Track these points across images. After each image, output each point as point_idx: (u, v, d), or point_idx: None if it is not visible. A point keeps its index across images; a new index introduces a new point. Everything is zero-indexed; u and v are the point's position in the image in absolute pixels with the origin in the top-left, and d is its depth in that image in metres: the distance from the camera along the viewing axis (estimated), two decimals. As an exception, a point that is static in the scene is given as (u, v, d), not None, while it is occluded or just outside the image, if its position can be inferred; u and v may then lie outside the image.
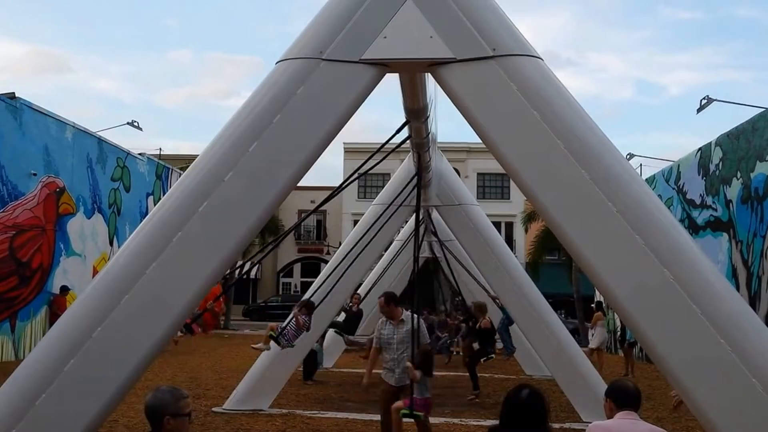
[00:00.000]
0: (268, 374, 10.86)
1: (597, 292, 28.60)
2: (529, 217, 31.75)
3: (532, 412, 3.98)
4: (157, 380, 12.41)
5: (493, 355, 13.99)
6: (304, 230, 48.02)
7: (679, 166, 20.52)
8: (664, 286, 4.63)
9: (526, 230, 34.70)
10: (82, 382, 4.66)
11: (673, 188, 20.64)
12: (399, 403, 7.80)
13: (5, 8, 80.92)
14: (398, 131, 8.00)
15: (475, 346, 13.73)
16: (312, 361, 13.93)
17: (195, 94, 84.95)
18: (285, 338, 9.36)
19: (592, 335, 18.74)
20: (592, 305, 29.13)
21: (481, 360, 13.38)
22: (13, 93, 16.70)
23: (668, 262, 4.66)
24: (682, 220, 19.29)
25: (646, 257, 4.68)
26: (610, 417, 4.56)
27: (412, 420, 7.54)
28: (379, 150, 8.14)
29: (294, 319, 9.29)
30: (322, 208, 46.63)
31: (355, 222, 16.25)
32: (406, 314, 8.11)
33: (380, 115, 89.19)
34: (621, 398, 4.56)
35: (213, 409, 10.55)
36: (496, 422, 4.14)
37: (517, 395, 4.03)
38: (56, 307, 17.16)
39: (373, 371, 8.41)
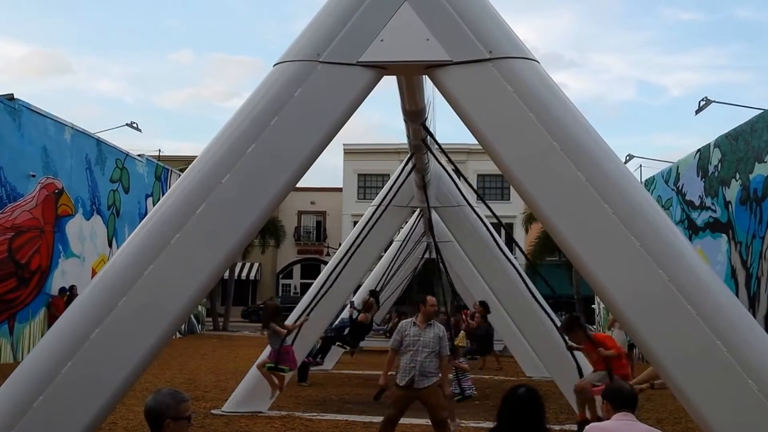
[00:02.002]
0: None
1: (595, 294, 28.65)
2: (530, 219, 31.78)
3: (529, 410, 4.01)
4: (156, 382, 12.41)
5: (477, 357, 14.25)
6: (304, 231, 48.05)
7: (678, 167, 20.54)
8: (660, 288, 4.64)
9: (527, 231, 34.73)
10: (81, 383, 4.65)
11: (673, 189, 20.66)
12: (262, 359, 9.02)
13: (7, 10, 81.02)
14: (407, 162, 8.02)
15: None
16: (304, 364, 13.89)
17: (196, 95, 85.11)
18: (467, 389, 9.79)
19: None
20: (593, 306, 29.17)
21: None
22: (12, 94, 16.70)
23: (664, 264, 4.67)
24: (681, 221, 19.30)
25: (642, 259, 4.69)
26: (607, 418, 4.58)
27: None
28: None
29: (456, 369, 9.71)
30: (322, 209, 46.91)
31: (355, 223, 16.24)
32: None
33: (382, 116, 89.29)
34: (617, 400, 4.59)
35: (212, 411, 10.55)
36: (494, 424, 4.16)
37: (514, 394, 4.07)
38: (55, 308, 17.16)
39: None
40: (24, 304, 16.83)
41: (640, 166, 31.20)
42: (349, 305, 15.74)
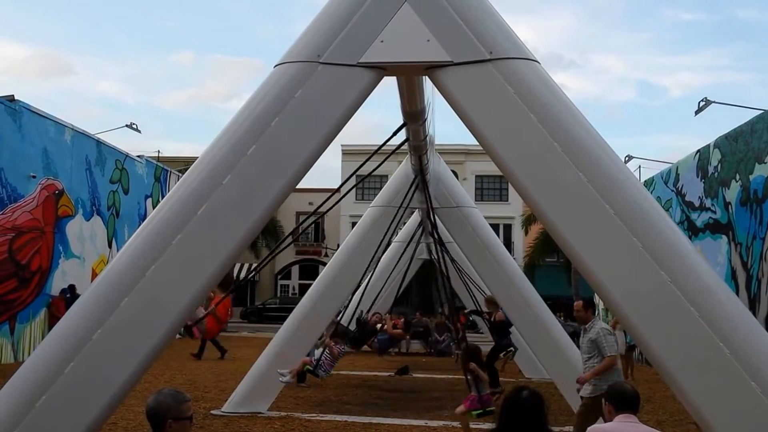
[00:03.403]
0: (267, 377, 10.87)
1: (596, 294, 28.65)
2: (529, 220, 31.80)
3: (532, 412, 3.99)
4: (156, 383, 12.41)
5: (512, 348, 13.97)
6: (302, 232, 48.02)
7: (677, 168, 20.54)
8: (662, 289, 4.64)
9: (526, 232, 34.74)
10: (82, 384, 4.66)
11: (672, 190, 20.66)
12: (462, 408, 8.19)
13: (9, 11, 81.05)
14: (395, 134, 8.02)
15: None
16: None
17: (196, 96, 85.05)
18: (322, 369, 9.59)
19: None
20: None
21: (500, 355, 13.38)
22: (12, 95, 16.70)
23: (666, 265, 4.68)
24: (681, 222, 19.29)
25: (643, 260, 4.69)
26: (609, 420, 4.58)
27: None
28: (375, 152, 8.13)
29: (328, 349, 9.47)
30: (320, 210, 46.90)
31: (353, 224, 16.23)
32: (592, 321, 7.85)
33: (381, 117, 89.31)
34: (619, 401, 4.59)
35: (212, 411, 10.54)
36: (495, 425, 4.15)
37: (517, 396, 4.03)
38: (55, 309, 17.15)
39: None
40: (24, 304, 16.82)
41: (640, 166, 31.27)
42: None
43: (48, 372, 4.67)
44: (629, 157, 28.14)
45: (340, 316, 14.18)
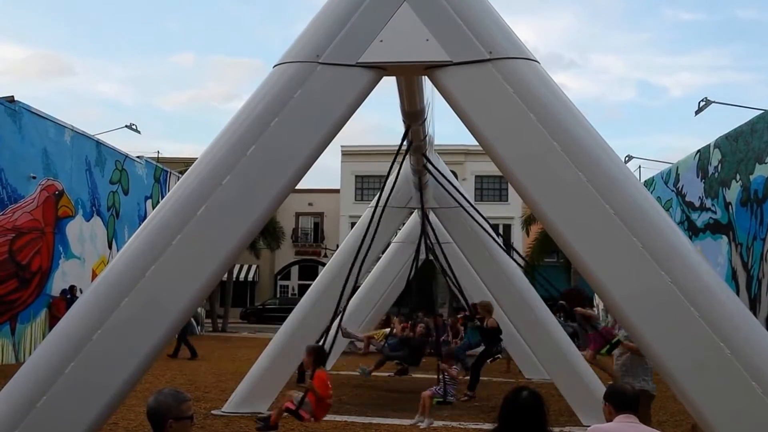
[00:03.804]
0: (267, 377, 10.86)
1: (596, 294, 28.63)
2: (529, 220, 31.79)
3: (531, 412, 3.99)
4: (157, 383, 12.40)
5: (499, 356, 14.04)
6: (302, 233, 48.02)
7: (677, 168, 20.54)
8: (662, 289, 4.64)
9: (527, 233, 34.72)
10: (83, 384, 4.67)
11: (672, 190, 20.66)
12: (428, 393, 8.93)
13: (9, 12, 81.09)
14: (404, 139, 8.01)
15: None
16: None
17: (197, 96, 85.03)
18: (450, 394, 9.81)
19: None
20: (592, 307, 29.19)
21: (488, 361, 13.40)
22: (12, 96, 16.71)
23: (666, 265, 4.67)
24: (681, 223, 19.29)
25: (643, 260, 4.69)
26: (609, 420, 4.57)
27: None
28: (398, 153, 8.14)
29: (447, 374, 9.82)
30: (320, 210, 46.97)
31: (352, 224, 16.22)
32: None
33: (381, 117, 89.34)
34: (619, 402, 4.57)
35: (212, 411, 10.54)
36: (494, 426, 4.15)
37: (517, 396, 4.04)
38: (56, 309, 17.15)
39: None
40: (25, 305, 16.83)
41: (640, 167, 31.24)
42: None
43: (48, 372, 4.68)
44: (629, 157, 28.16)
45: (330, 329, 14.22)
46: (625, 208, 4.85)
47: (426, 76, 6.08)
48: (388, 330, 15.70)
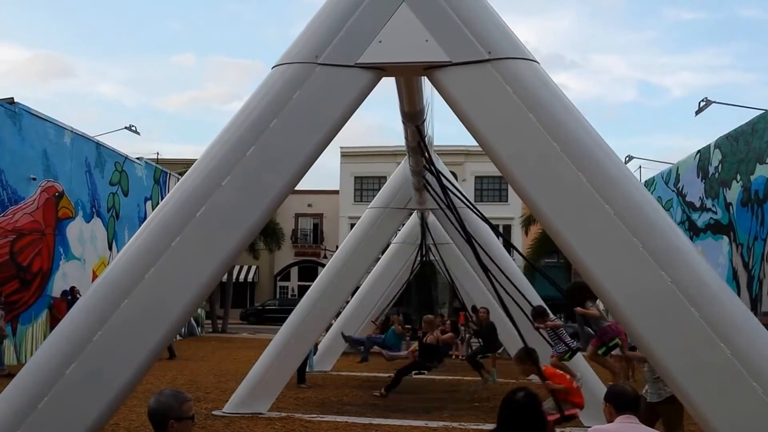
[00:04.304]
0: (267, 377, 10.86)
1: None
2: (529, 220, 31.77)
3: (528, 413, 4.05)
4: (158, 384, 12.40)
5: (489, 354, 14.36)
6: (301, 234, 48.04)
7: (678, 168, 20.54)
8: (663, 290, 4.63)
9: (526, 233, 34.70)
10: (84, 385, 4.68)
11: (673, 190, 20.66)
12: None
13: (10, 13, 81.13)
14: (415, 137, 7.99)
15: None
16: (302, 364, 13.90)
17: (197, 97, 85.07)
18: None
19: None
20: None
21: (489, 354, 14.21)
22: (12, 98, 16.70)
23: (666, 266, 4.66)
24: (681, 223, 19.28)
25: (644, 260, 4.68)
26: (610, 421, 4.57)
27: None
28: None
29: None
30: (319, 211, 47.00)
31: (352, 225, 16.20)
32: None
33: (381, 118, 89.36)
34: (620, 402, 4.57)
35: (213, 412, 10.54)
36: (494, 426, 4.17)
37: (513, 397, 4.10)
38: (56, 310, 17.15)
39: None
40: (26, 306, 16.83)
41: (640, 167, 31.19)
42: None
43: (50, 373, 4.69)
44: (630, 158, 28.13)
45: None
46: (626, 209, 4.83)
47: (425, 77, 6.07)
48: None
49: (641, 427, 4.51)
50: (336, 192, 45.93)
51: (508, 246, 11.75)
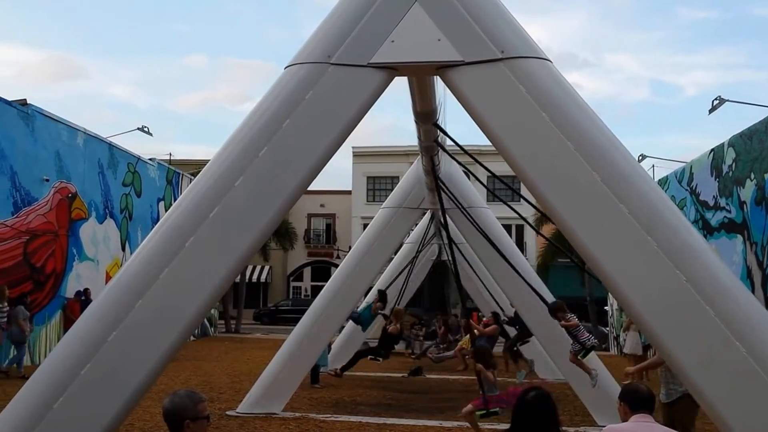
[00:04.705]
0: (281, 378, 10.88)
1: (609, 295, 28.46)
2: (542, 220, 31.63)
3: (540, 412, 4.06)
4: (172, 384, 12.45)
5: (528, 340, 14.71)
6: (314, 234, 48.10)
7: (691, 167, 20.39)
8: (678, 289, 4.60)
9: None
10: (99, 385, 4.70)
11: (686, 189, 20.52)
12: (470, 407, 8.38)
13: (22, 15, 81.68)
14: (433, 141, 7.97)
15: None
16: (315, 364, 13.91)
17: (209, 98, 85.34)
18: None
19: (624, 340, 18.40)
20: (605, 308, 29.02)
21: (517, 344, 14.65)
22: (25, 100, 16.80)
23: (681, 264, 4.64)
24: (695, 222, 19.15)
25: (658, 259, 4.65)
26: (624, 420, 4.54)
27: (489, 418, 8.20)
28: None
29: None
30: (332, 211, 47.04)
31: (365, 226, 16.18)
32: None
33: (394, 118, 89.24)
34: (634, 401, 4.54)
35: (227, 412, 10.57)
36: (508, 427, 4.17)
37: (524, 397, 4.11)
38: (70, 311, 17.25)
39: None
40: (40, 307, 16.92)
41: (653, 166, 31.05)
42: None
43: (65, 374, 4.71)
44: (643, 157, 27.97)
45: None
46: (640, 208, 4.81)
47: (438, 76, 6.06)
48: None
49: (657, 426, 4.48)
50: (348, 192, 45.92)
51: (521, 244, 11.70)
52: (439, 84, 7.33)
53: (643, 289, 4.72)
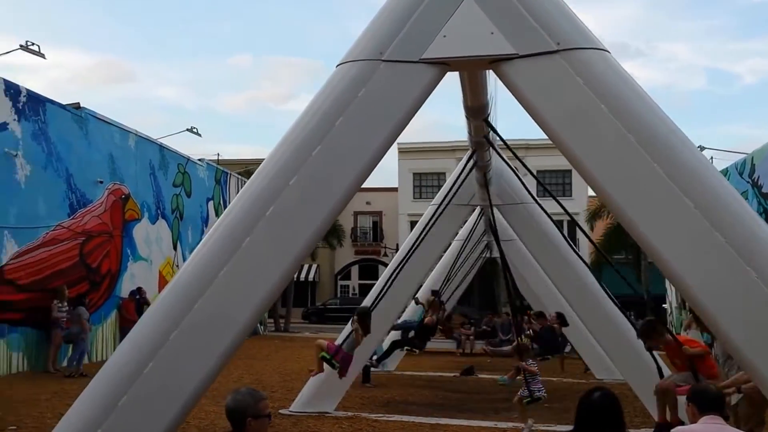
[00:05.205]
0: (333, 377, 10.85)
1: (668, 293, 27.73)
2: (594, 215, 31.02)
3: (606, 413, 3.93)
4: (225, 382, 12.55)
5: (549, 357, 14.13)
6: (361, 232, 48.20)
7: (753, 158, 19.75)
8: (748, 286, 4.42)
9: (592, 228, 34.01)
10: (161, 384, 4.76)
11: (748, 181, 19.87)
12: (323, 343, 8.86)
13: (76, 20, 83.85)
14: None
15: None
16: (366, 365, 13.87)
17: (255, 98, 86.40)
18: (537, 390, 9.33)
19: None
20: (664, 305, 28.29)
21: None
22: (78, 103, 17.19)
23: (751, 260, 4.45)
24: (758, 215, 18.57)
25: (727, 255, 4.47)
26: (693, 422, 4.38)
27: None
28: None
29: (524, 370, 9.41)
30: (378, 209, 47.06)
31: (412, 223, 16.10)
32: None
33: (439, 114, 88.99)
34: (703, 402, 4.39)
35: (280, 411, 10.61)
36: (569, 428, 4.04)
37: (589, 397, 3.97)
38: (125, 310, 17.59)
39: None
40: (96, 306, 17.31)
41: (712, 157, 30.10)
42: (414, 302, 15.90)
43: (129, 372, 4.79)
44: (701, 148, 27.15)
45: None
46: (706, 200, 4.63)
47: (490, 70, 5.94)
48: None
49: (728, 427, 4.31)
50: (395, 189, 45.82)
51: (575, 240, 11.46)
52: (490, 77, 7.20)
53: (711, 288, 4.53)
